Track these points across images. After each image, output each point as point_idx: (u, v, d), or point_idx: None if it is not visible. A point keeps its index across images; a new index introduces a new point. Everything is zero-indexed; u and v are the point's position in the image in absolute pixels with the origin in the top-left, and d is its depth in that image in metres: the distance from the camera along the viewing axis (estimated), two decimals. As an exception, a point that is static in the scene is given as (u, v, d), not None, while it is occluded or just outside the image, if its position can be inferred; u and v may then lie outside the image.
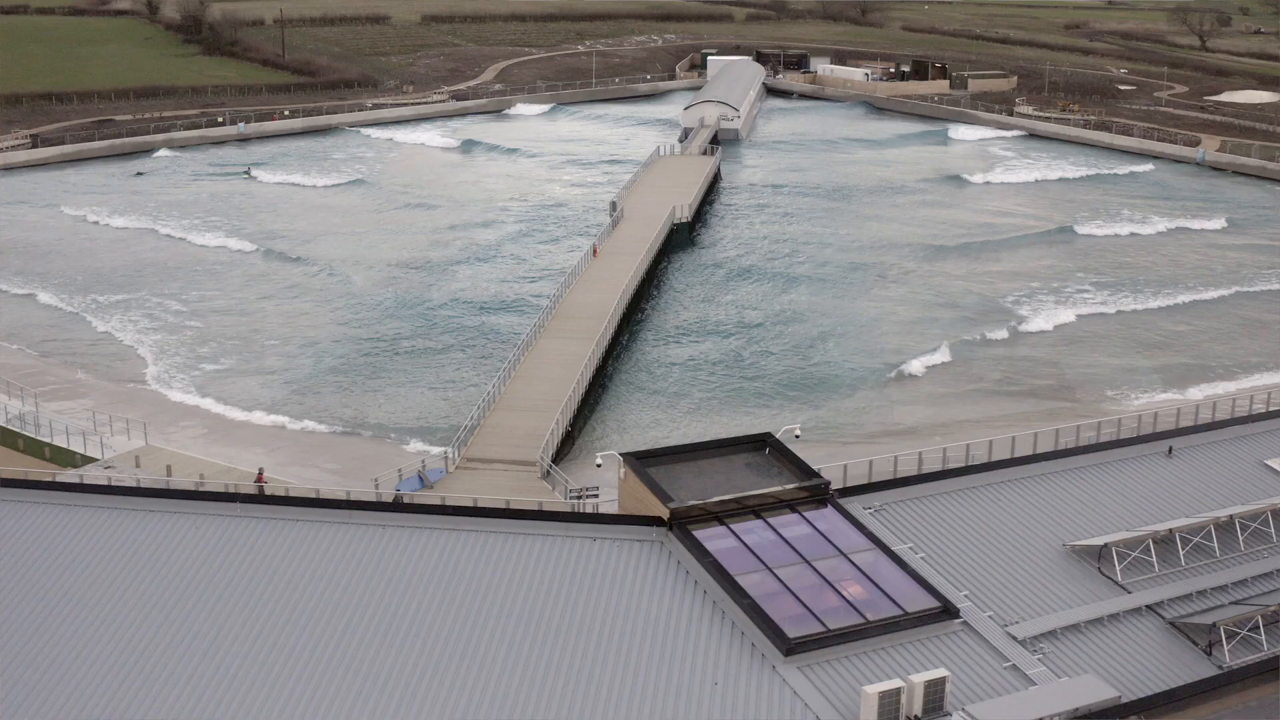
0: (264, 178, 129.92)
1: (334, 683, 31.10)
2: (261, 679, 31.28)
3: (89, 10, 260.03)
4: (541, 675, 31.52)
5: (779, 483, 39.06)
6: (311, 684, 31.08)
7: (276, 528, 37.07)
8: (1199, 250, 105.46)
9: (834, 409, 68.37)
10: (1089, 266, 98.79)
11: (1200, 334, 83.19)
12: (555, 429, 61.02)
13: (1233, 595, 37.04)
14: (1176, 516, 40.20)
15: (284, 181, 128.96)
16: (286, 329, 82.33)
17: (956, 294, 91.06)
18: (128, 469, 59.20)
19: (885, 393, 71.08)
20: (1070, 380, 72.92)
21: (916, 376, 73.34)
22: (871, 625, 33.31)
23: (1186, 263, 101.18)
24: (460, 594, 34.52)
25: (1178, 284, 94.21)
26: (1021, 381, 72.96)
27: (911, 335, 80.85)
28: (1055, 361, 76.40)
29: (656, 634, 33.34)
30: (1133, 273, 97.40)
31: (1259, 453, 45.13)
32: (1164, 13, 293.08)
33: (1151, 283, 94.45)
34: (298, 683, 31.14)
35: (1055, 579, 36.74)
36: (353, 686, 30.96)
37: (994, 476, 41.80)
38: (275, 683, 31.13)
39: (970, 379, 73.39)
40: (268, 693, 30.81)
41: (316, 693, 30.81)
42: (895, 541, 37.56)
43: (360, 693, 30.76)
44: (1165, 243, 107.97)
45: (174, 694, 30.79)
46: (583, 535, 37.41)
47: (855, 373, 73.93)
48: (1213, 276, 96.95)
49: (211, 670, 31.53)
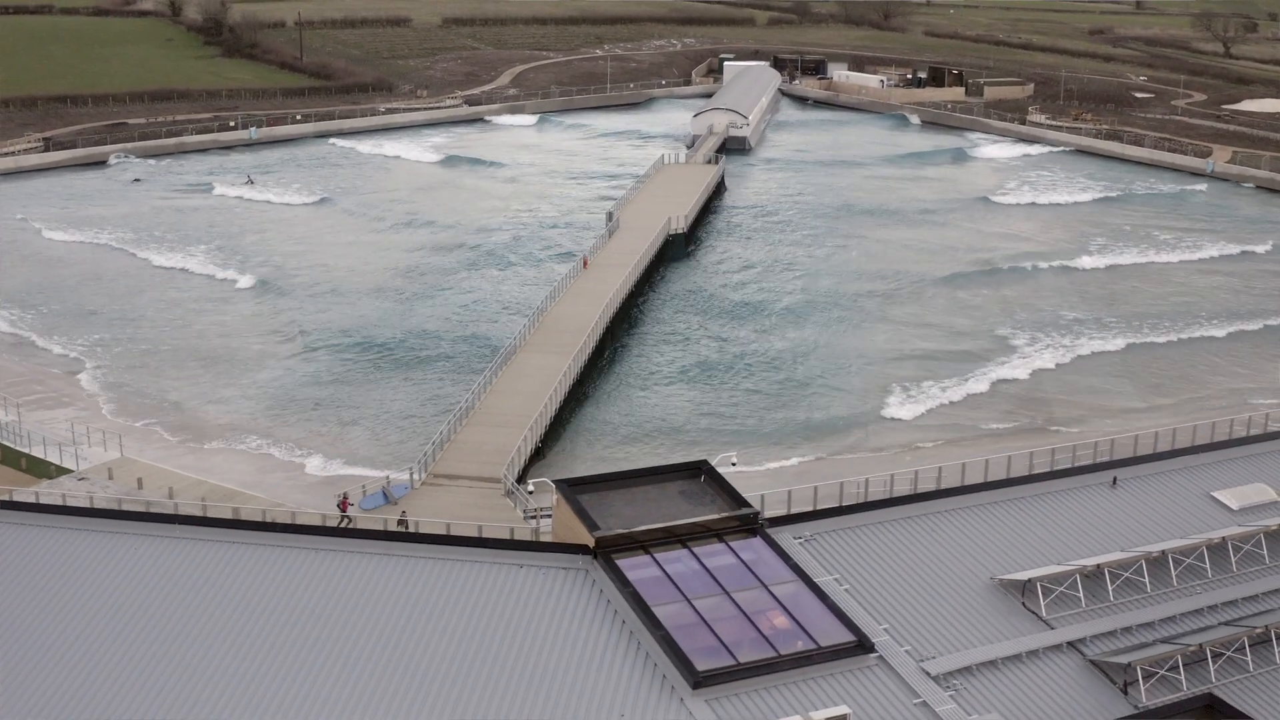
0: (225, 191, 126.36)
1: (239, 707, 31.51)
2: (179, 703, 31.74)
3: (113, 10, 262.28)
4: (448, 703, 31.84)
5: (710, 511, 39.27)
6: (221, 707, 31.52)
7: (202, 549, 37.57)
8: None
9: (805, 435, 67.78)
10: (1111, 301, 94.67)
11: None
12: (523, 446, 61.42)
13: (1159, 633, 36.97)
14: (1111, 550, 40.11)
15: (243, 196, 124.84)
16: (269, 342, 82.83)
17: (957, 327, 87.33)
18: (100, 481, 60.03)
19: (856, 426, 69.56)
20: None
21: (900, 418, 70.32)
22: (783, 659, 33.46)
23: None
24: (379, 619, 34.90)
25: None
26: (1016, 418, 70.78)
27: (897, 369, 77.87)
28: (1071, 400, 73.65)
29: (571, 663, 33.64)
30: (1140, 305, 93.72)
31: (1206, 484, 44.91)
32: (1189, 18, 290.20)
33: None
34: (210, 706, 31.58)
35: (978, 614, 36.77)
36: (254, 712, 31.38)
37: (931, 506, 41.81)
38: (191, 705, 31.59)
39: (956, 417, 70.73)
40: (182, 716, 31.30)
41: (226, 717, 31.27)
42: (821, 573, 37.69)
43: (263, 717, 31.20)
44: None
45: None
46: (510, 562, 37.75)
47: (832, 404, 72.55)
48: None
49: (116, 692, 32.02)
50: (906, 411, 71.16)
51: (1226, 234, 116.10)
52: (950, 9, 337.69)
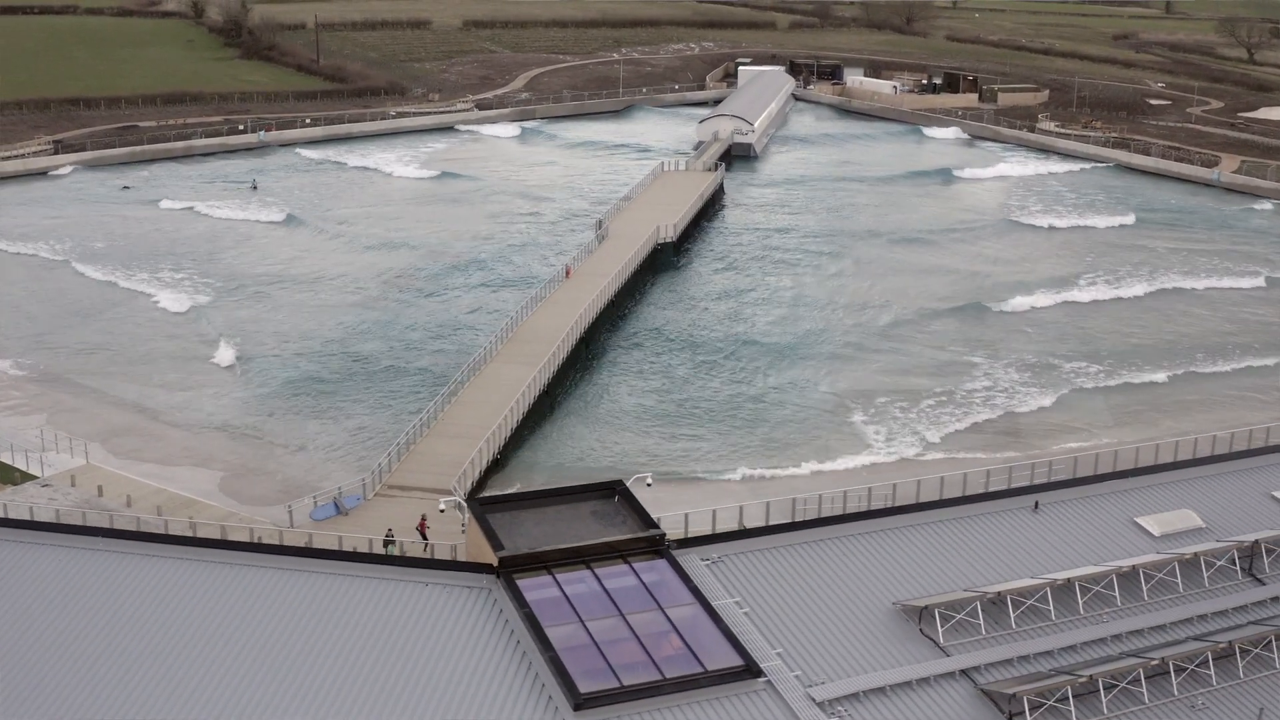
0: (169, 205, 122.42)
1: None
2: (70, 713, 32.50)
3: (137, 11, 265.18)
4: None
5: (619, 532, 39.68)
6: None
7: (115, 562, 38.32)
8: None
9: (752, 454, 67.62)
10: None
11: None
12: (478, 458, 61.98)
13: (1058, 662, 37.04)
14: (1021, 576, 40.22)
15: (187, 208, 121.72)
16: (245, 350, 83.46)
17: (927, 360, 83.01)
18: (63, 488, 61.26)
19: (809, 446, 68.86)
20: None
21: (867, 442, 69.06)
22: (667, 683, 33.84)
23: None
24: (278, 634, 35.49)
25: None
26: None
27: (861, 403, 75.31)
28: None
29: (462, 682, 34.15)
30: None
31: (1131, 509, 44.88)
32: (1214, 23, 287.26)
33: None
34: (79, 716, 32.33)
35: (875, 639, 36.98)
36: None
37: (845, 529, 42.01)
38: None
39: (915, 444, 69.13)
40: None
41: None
42: (723, 595, 38.02)
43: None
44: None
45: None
46: (417, 580, 38.32)
47: (787, 425, 71.73)
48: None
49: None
50: (871, 434, 70.71)
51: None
52: (975, 13, 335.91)
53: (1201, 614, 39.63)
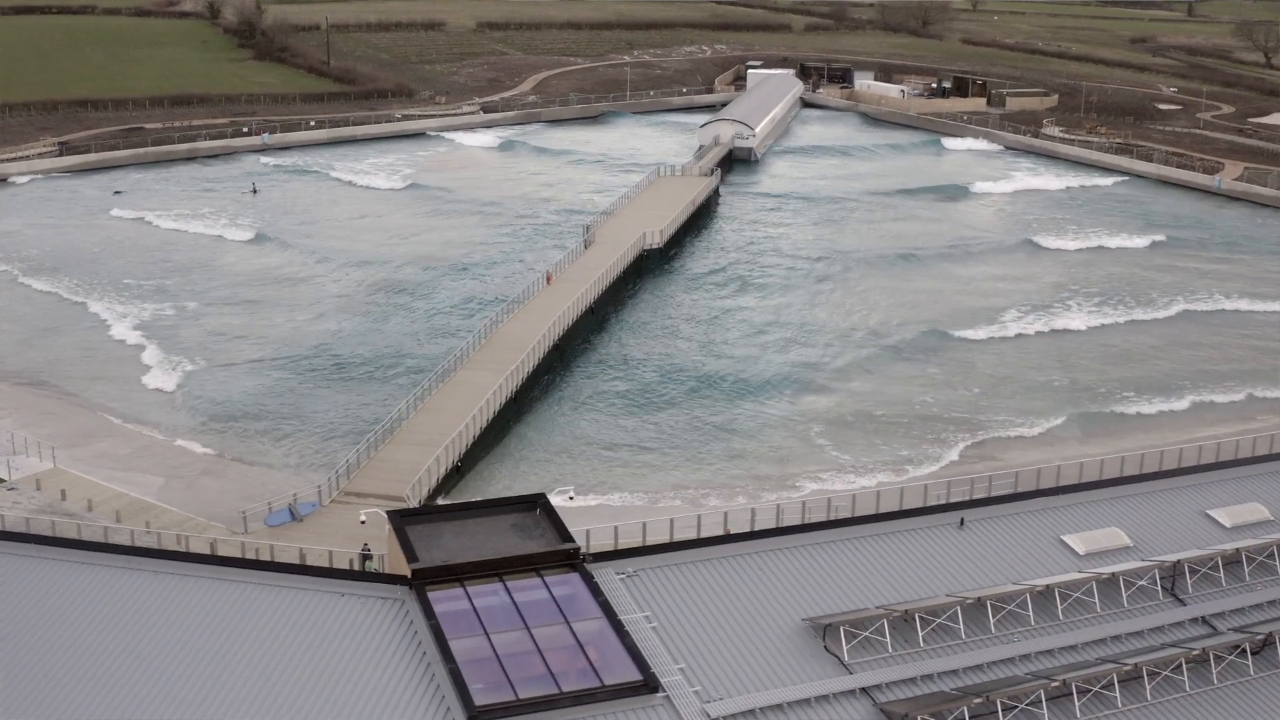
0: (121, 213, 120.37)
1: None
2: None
3: (154, 11, 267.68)
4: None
5: (535, 545, 40.14)
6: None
7: (49, 569, 39.06)
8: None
9: (718, 471, 67.61)
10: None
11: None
12: (435, 465, 62.55)
13: (963, 681, 37.22)
14: (936, 594, 40.39)
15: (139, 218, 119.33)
16: (219, 354, 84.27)
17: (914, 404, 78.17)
18: (28, 491, 62.30)
19: (763, 466, 68.28)
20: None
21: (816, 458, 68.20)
22: (564, 696, 34.25)
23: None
24: (191, 644, 36.08)
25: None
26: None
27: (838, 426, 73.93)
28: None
29: (362, 694, 34.66)
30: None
31: (1057, 527, 44.94)
32: (1231, 26, 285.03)
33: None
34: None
35: (779, 655, 37.23)
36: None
37: (766, 544, 42.23)
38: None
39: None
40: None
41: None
42: (633, 610, 38.39)
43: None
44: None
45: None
46: (332, 591, 38.88)
47: (760, 445, 71.14)
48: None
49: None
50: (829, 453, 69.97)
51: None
52: (994, 15, 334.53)
53: (1116, 634, 39.63)
